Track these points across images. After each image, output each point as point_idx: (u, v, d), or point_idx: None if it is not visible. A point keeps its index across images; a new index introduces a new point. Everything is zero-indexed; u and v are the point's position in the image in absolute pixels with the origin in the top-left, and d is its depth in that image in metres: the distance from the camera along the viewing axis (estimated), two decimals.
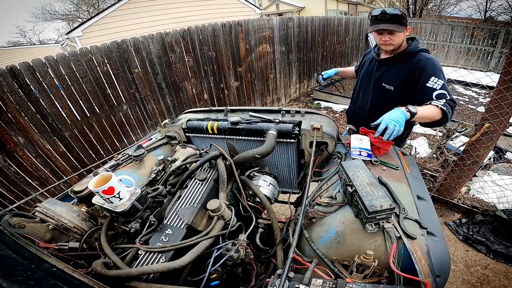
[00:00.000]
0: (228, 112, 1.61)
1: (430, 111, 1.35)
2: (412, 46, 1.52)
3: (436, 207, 2.64)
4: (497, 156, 3.14)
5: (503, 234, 2.24)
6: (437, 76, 1.39)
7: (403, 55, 1.53)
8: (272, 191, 1.28)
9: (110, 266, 0.80)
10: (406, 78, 1.51)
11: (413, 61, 1.49)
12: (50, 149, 2.70)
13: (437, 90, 1.38)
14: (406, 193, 0.95)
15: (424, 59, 1.45)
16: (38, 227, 0.93)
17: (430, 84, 1.39)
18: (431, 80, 1.39)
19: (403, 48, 1.55)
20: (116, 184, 0.89)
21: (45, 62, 2.55)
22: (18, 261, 0.54)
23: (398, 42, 1.50)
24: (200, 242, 0.82)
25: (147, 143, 1.51)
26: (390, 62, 1.60)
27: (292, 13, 15.82)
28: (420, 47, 1.52)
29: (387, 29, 1.45)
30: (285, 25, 5.14)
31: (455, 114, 4.53)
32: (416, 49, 1.51)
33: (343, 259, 0.79)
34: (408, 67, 1.50)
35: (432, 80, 1.39)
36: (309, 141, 1.37)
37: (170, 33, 3.47)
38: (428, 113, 1.34)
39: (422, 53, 1.49)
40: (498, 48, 7.32)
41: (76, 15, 18.03)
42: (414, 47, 1.51)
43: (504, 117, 2.03)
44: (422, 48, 1.52)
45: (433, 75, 1.39)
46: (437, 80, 1.38)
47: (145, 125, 3.57)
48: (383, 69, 1.64)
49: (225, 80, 4.38)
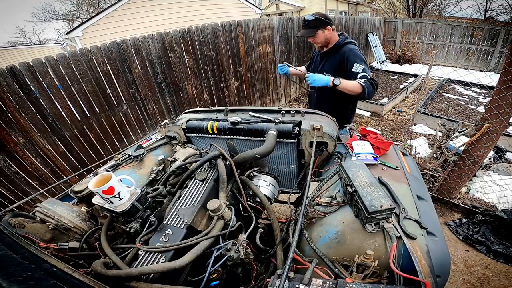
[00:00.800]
0: (228, 112, 1.62)
1: (351, 85, 1.74)
2: (339, 40, 1.89)
3: (436, 207, 2.64)
4: (497, 156, 3.14)
5: (503, 234, 2.24)
6: (358, 62, 1.77)
7: (333, 48, 1.92)
8: (272, 191, 1.28)
9: (110, 266, 0.80)
10: (338, 65, 1.88)
11: (340, 52, 1.87)
12: (50, 149, 2.70)
13: (360, 73, 1.75)
14: (406, 193, 0.95)
15: (348, 50, 1.83)
16: (38, 227, 0.93)
17: (354, 69, 1.77)
18: (354, 66, 1.77)
19: (333, 42, 1.91)
20: (116, 184, 0.89)
21: (45, 62, 2.55)
22: (18, 261, 0.54)
23: (321, 40, 1.89)
24: (200, 242, 0.82)
25: (147, 143, 1.51)
26: (326, 54, 1.97)
27: (292, 13, 15.82)
28: (347, 40, 1.89)
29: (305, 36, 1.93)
30: (285, 25, 5.14)
31: (456, 115, 4.54)
32: (343, 42, 1.88)
33: (343, 259, 0.79)
34: (338, 57, 1.88)
35: (355, 66, 1.77)
36: (309, 141, 1.37)
37: (170, 33, 3.47)
38: (350, 86, 1.73)
39: (347, 45, 1.86)
40: (498, 48, 7.32)
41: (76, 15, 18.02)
42: (341, 40, 1.89)
43: (504, 117, 2.03)
44: (347, 41, 1.89)
45: (355, 61, 1.78)
46: (358, 65, 1.76)
47: (145, 125, 3.57)
48: (323, 60, 2.01)
49: (225, 80, 4.38)
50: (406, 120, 4.82)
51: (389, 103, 5.18)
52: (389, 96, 5.59)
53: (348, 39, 1.91)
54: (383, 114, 5.05)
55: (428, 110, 4.62)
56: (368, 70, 1.77)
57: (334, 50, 1.92)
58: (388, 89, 6.20)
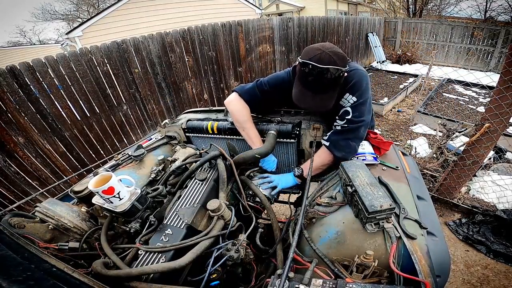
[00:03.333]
0: (228, 112, 1.61)
1: (317, 159, 1.18)
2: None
3: (436, 207, 2.64)
4: (497, 156, 3.14)
5: (503, 234, 2.24)
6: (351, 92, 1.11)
7: None
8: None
9: (110, 266, 0.80)
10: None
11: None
12: (50, 149, 2.70)
13: (345, 108, 1.12)
14: (406, 193, 0.95)
15: (350, 74, 1.13)
16: (38, 227, 0.93)
17: (341, 102, 1.14)
18: (344, 97, 1.13)
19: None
20: (116, 184, 0.89)
21: (45, 62, 2.55)
22: (18, 261, 0.54)
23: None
24: (200, 242, 0.82)
25: (147, 143, 1.51)
26: None
27: (292, 13, 15.82)
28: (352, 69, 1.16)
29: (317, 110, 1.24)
30: (285, 25, 5.14)
31: (456, 115, 4.53)
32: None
33: (343, 259, 0.79)
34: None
35: (344, 98, 1.13)
36: (309, 141, 1.37)
37: (170, 33, 3.47)
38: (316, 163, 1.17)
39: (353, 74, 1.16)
40: (498, 48, 7.32)
41: (76, 15, 18.01)
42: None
43: (504, 117, 2.03)
44: (353, 69, 1.16)
45: (348, 92, 1.12)
46: (350, 97, 1.11)
47: (145, 125, 3.57)
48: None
49: (225, 80, 4.38)
50: (406, 120, 4.82)
51: (389, 103, 5.18)
52: (389, 96, 5.60)
53: (355, 67, 1.16)
54: (383, 114, 5.06)
55: (428, 110, 4.62)
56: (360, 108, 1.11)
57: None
58: (388, 89, 6.20)
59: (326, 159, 1.19)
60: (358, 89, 1.11)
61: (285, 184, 1.25)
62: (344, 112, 1.13)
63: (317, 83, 1.02)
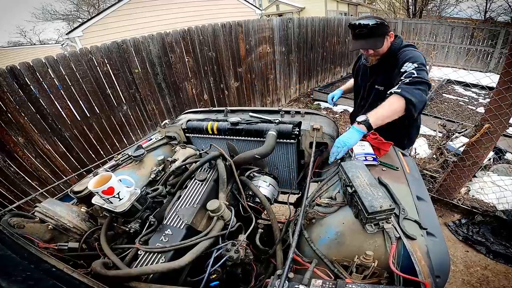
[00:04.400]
0: (228, 113, 1.62)
1: (386, 106, 1.20)
2: (395, 44, 1.51)
3: (436, 207, 2.64)
4: (497, 156, 3.14)
5: (502, 235, 2.24)
6: (411, 61, 1.31)
7: (388, 56, 1.53)
8: (272, 191, 1.28)
9: (110, 266, 0.80)
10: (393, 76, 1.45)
11: (397, 58, 1.46)
12: (50, 149, 2.70)
13: (408, 71, 1.28)
14: (406, 193, 0.95)
15: (405, 53, 1.41)
16: (38, 227, 0.93)
17: (403, 69, 1.32)
18: (404, 66, 1.32)
19: (387, 48, 1.52)
20: (116, 184, 0.89)
21: (45, 62, 2.55)
22: (18, 261, 0.54)
23: (383, 51, 1.51)
24: (200, 243, 0.82)
25: (147, 144, 1.51)
26: (379, 66, 1.60)
27: (292, 14, 15.84)
28: (404, 44, 1.51)
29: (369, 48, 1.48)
30: (285, 26, 5.14)
31: (456, 115, 4.54)
32: (400, 46, 1.50)
33: (343, 260, 0.79)
34: (394, 65, 1.46)
35: (405, 66, 1.32)
36: (309, 142, 1.37)
37: (170, 33, 3.47)
38: (385, 110, 1.19)
39: (405, 48, 1.47)
40: (498, 48, 7.33)
41: (76, 15, 18.03)
42: (397, 45, 1.51)
43: (504, 118, 2.03)
44: (405, 44, 1.50)
45: (406, 61, 1.33)
46: (410, 64, 1.30)
47: (145, 125, 3.57)
48: (374, 73, 1.66)
49: (225, 81, 4.38)
50: None
51: None
52: None
53: (405, 42, 1.53)
54: None
55: (428, 111, 4.62)
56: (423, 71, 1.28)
57: (388, 58, 1.51)
58: None
59: (396, 105, 1.19)
60: (416, 59, 1.33)
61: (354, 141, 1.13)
62: (409, 73, 1.28)
63: (362, 31, 1.42)
